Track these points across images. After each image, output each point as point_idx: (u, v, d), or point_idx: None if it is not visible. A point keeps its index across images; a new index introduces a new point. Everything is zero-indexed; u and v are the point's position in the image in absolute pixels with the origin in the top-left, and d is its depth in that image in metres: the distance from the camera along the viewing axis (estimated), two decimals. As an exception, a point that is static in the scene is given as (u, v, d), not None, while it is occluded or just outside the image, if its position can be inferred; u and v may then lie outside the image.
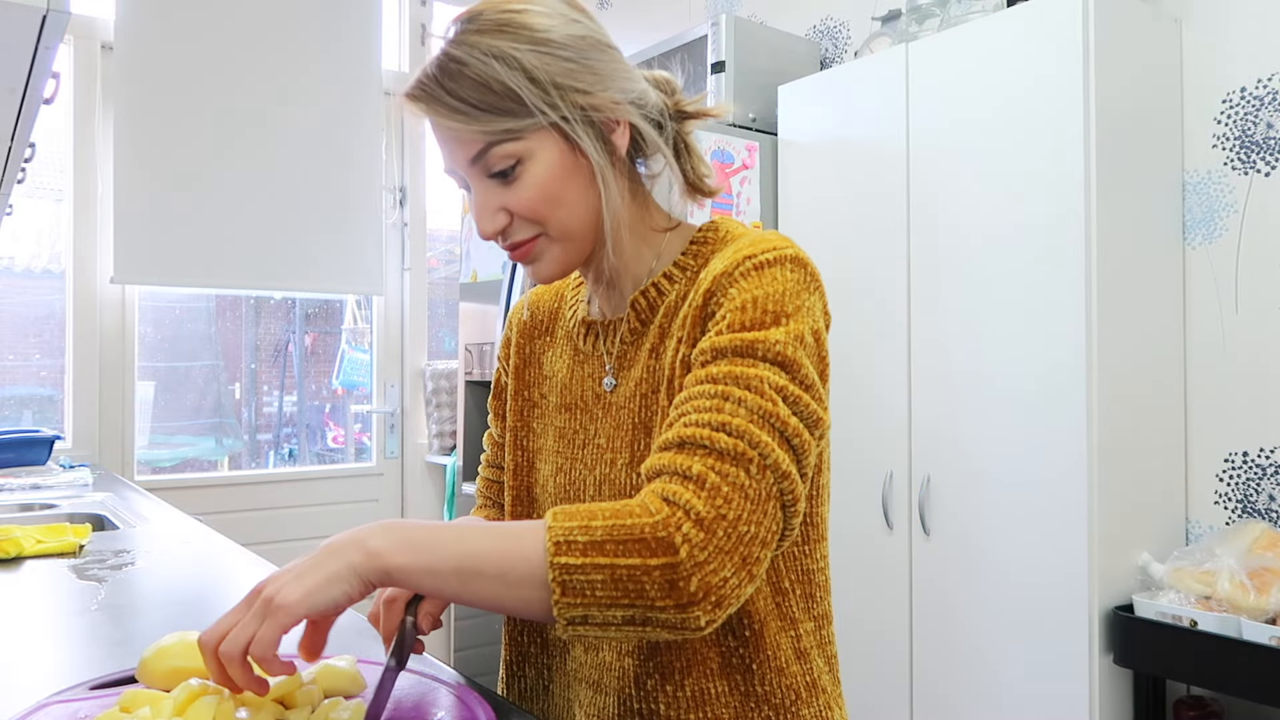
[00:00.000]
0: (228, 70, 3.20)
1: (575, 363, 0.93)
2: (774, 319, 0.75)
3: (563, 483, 0.90)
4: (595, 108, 0.80)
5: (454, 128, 0.78)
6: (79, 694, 0.80)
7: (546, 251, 0.84)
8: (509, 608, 0.68)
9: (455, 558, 0.66)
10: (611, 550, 0.65)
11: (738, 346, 0.73)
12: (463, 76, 0.77)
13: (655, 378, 0.84)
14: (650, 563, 0.64)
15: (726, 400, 0.71)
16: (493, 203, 0.81)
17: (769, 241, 0.81)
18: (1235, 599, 1.79)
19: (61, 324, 3.11)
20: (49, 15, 0.90)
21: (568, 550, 0.65)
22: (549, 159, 0.79)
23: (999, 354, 2.07)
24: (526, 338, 1.00)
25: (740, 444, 0.69)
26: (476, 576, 0.66)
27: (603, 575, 0.65)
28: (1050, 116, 1.98)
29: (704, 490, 0.67)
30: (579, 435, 0.90)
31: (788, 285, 0.77)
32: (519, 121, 0.78)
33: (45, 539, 1.52)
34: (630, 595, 0.65)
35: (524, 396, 0.98)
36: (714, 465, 0.68)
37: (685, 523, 0.65)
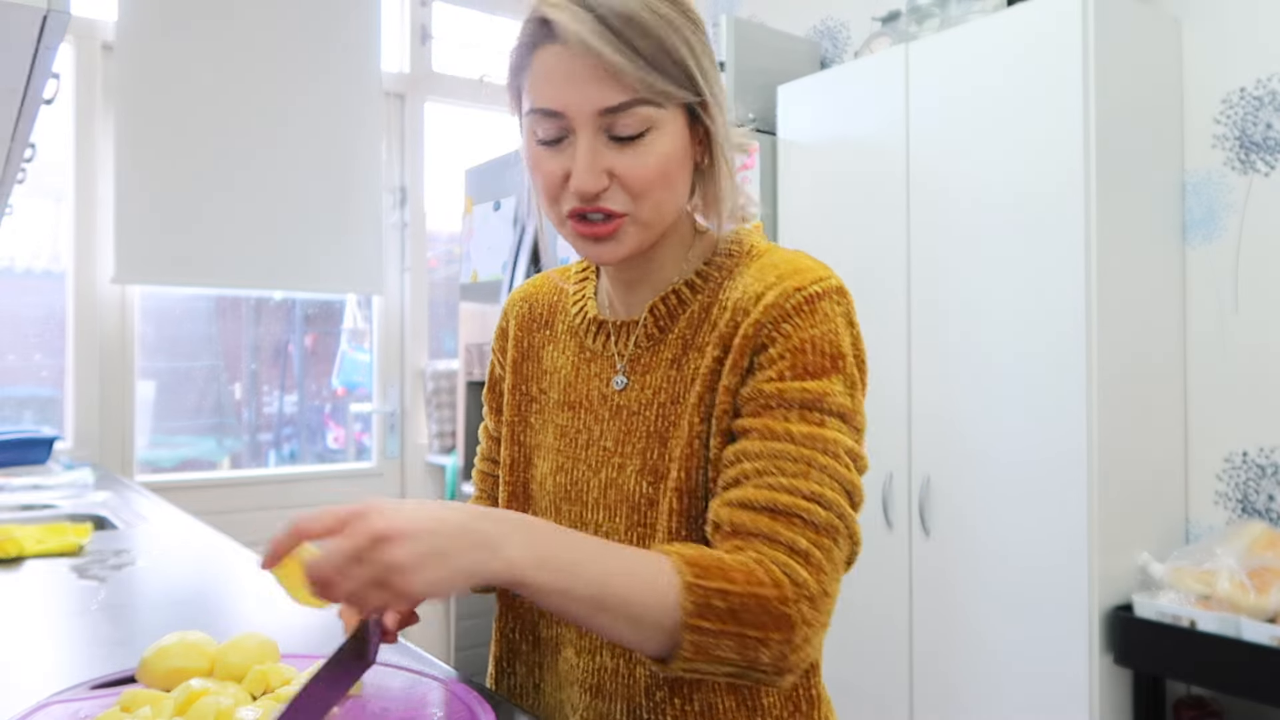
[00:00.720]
0: (228, 71, 3.20)
1: (581, 360, 0.91)
2: (832, 363, 0.76)
3: (563, 482, 0.89)
4: (718, 100, 0.80)
5: (615, 64, 0.72)
6: (79, 694, 0.80)
7: (627, 234, 0.80)
8: (625, 641, 0.70)
9: (592, 589, 0.66)
10: (744, 620, 0.68)
11: (805, 400, 0.75)
12: (633, 20, 0.73)
13: (676, 388, 0.83)
14: (772, 635, 0.69)
15: (812, 467, 0.74)
16: (602, 163, 0.76)
17: (812, 271, 0.80)
18: (1235, 599, 1.79)
19: (62, 324, 3.11)
20: (49, 16, 0.90)
21: (707, 615, 0.67)
22: (675, 136, 0.78)
23: (999, 355, 2.07)
24: (525, 330, 0.98)
25: (833, 517, 0.73)
26: (607, 612, 0.66)
27: (731, 641, 0.68)
28: (1050, 117, 1.98)
29: (811, 566, 0.71)
30: (582, 435, 0.89)
31: (836, 322, 0.78)
32: (678, 90, 0.76)
33: (46, 539, 1.52)
34: (746, 658, 0.69)
35: (522, 391, 0.96)
36: (815, 540, 0.72)
37: (802, 601, 0.70)
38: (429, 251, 3.78)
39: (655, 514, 0.82)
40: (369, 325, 3.70)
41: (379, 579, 0.60)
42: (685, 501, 0.80)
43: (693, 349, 0.83)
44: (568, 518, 0.88)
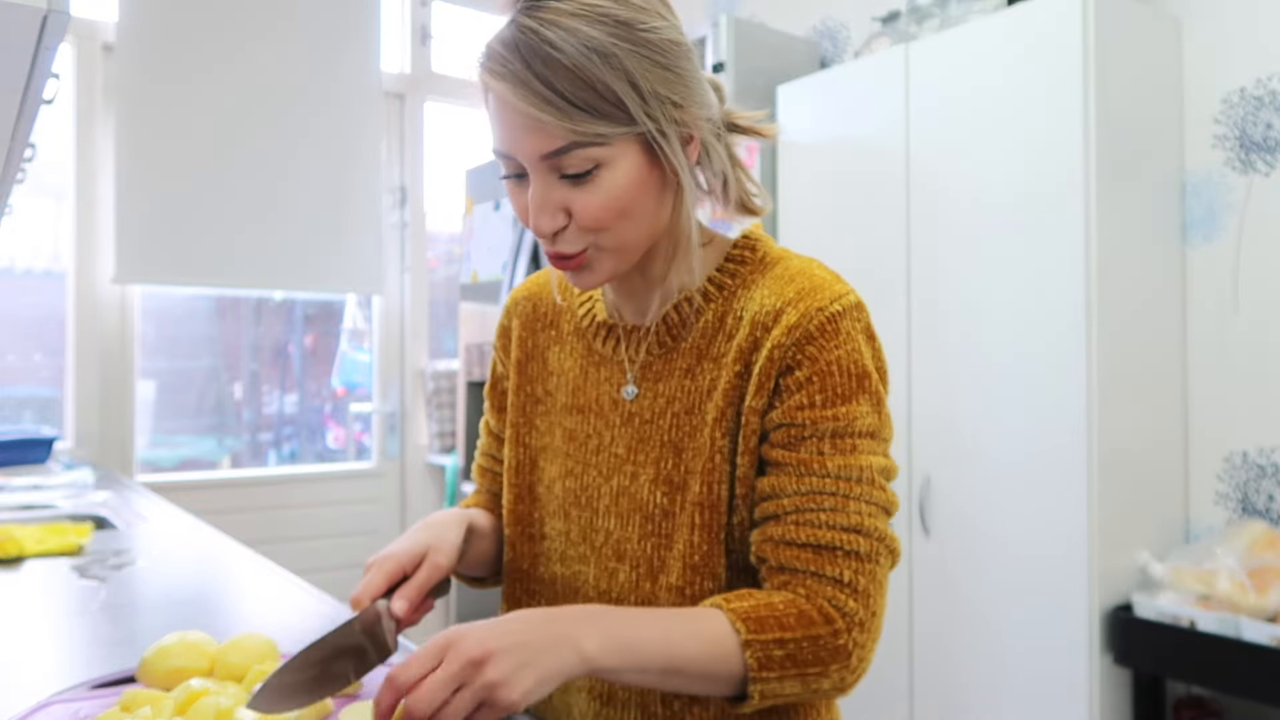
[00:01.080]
0: (228, 71, 3.20)
1: (589, 364, 0.90)
2: (858, 384, 0.78)
3: (573, 487, 0.88)
4: (683, 122, 0.77)
5: (540, 119, 0.71)
6: (79, 694, 0.80)
7: (597, 263, 0.79)
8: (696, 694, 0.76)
9: (663, 664, 0.70)
10: (802, 662, 0.73)
11: (836, 429, 0.77)
12: (558, 65, 0.70)
13: (691, 399, 0.83)
14: (830, 667, 0.74)
15: (849, 499, 0.76)
16: (555, 200, 0.75)
17: (830, 287, 0.80)
18: (1235, 599, 1.79)
19: (62, 324, 3.11)
20: (49, 16, 0.90)
21: (769, 667, 0.72)
22: (629, 169, 0.75)
23: (999, 354, 2.07)
24: (529, 330, 0.97)
25: (872, 543, 0.77)
26: (678, 676, 0.71)
27: (794, 682, 0.73)
28: (1050, 116, 1.98)
29: (858, 594, 0.76)
30: (592, 440, 0.88)
31: (858, 340, 0.79)
32: (614, 128, 0.72)
33: (46, 539, 1.52)
34: (809, 689, 0.75)
35: (527, 392, 0.95)
36: (858, 569, 0.76)
37: (854, 629, 0.75)
38: (429, 251, 3.79)
39: (672, 525, 0.82)
40: (369, 325, 3.70)
41: (482, 699, 0.63)
42: (707, 515, 0.80)
43: (707, 359, 0.83)
44: (577, 523, 0.88)
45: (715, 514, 0.80)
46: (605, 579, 0.85)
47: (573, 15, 0.71)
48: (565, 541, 0.89)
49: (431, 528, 0.84)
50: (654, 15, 0.75)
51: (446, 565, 0.81)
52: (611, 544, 0.85)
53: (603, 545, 0.86)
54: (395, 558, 0.78)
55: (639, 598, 0.83)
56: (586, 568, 0.87)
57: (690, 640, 0.71)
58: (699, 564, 0.81)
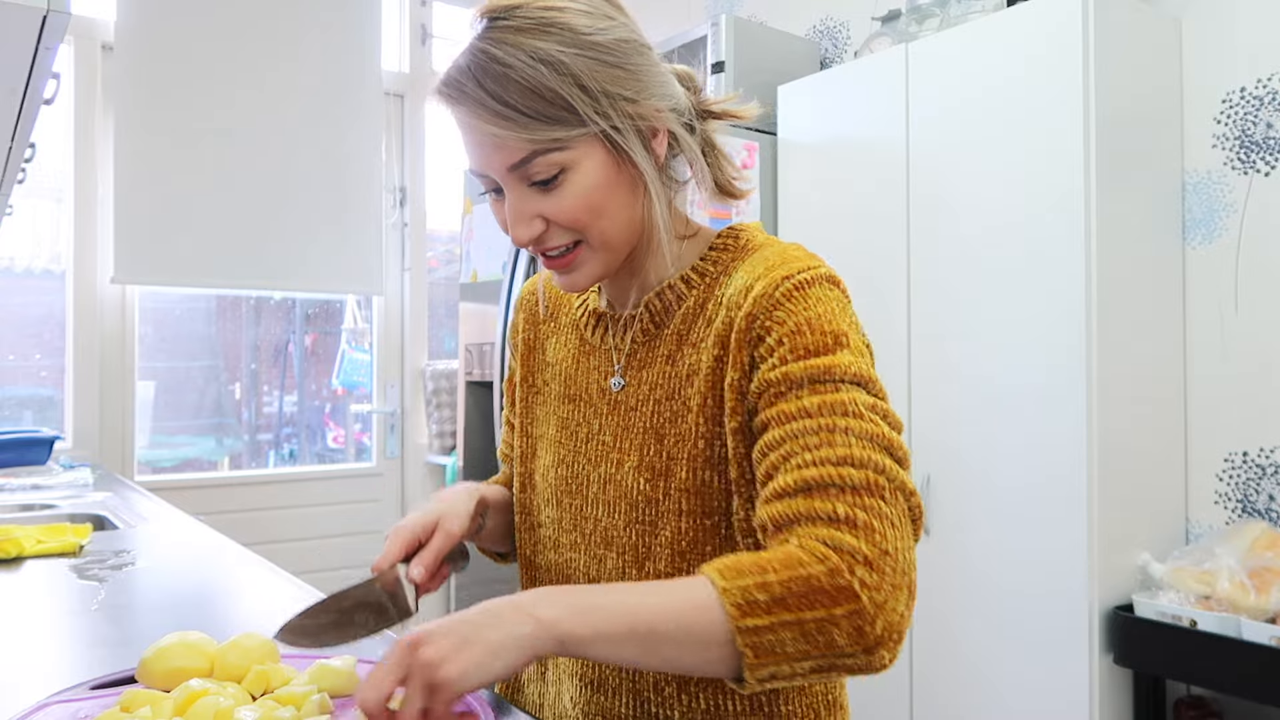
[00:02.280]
0: (228, 71, 3.20)
1: (581, 354, 0.92)
2: (834, 339, 0.74)
3: (564, 475, 0.90)
4: (641, 116, 0.78)
5: (497, 134, 0.74)
6: (79, 694, 0.80)
7: (586, 262, 0.81)
8: (687, 669, 0.66)
9: (631, 623, 0.63)
10: (795, 605, 0.63)
11: (814, 374, 0.73)
12: (508, 80, 0.73)
13: (671, 384, 0.83)
14: (835, 612, 0.64)
15: (834, 432, 0.70)
16: (529, 210, 0.78)
17: (800, 260, 0.80)
18: (1235, 599, 1.79)
19: (61, 324, 3.11)
20: (49, 16, 0.91)
21: (751, 611, 0.63)
22: (593, 168, 0.77)
23: (999, 354, 2.07)
24: (532, 323, 1.00)
25: (869, 474, 0.68)
26: (657, 640, 0.64)
27: (791, 632, 0.63)
28: (1050, 116, 1.98)
29: (858, 530, 0.66)
30: (582, 429, 0.89)
31: (831, 305, 0.77)
32: (569, 131, 0.75)
33: (46, 539, 1.52)
34: (820, 646, 0.64)
35: (529, 383, 0.98)
36: (855, 501, 0.67)
37: (857, 567, 0.64)
38: (429, 251, 3.79)
39: (656, 512, 0.82)
40: (369, 325, 3.70)
41: (425, 680, 0.60)
42: (694, 502, 0.80)
43: (687, 344, 0.83)
44: (569, 511, 0.89)
45: (703, 500, 0.80)
46: (594, 566, 0.86)
47: (519, 31, 0.74)
48: (558, 529, 0.90)
49: (443, 500, 0.88)
50: (600, 18, 0.77)
51: (458, 532, 0.83)
52: (600, 532, 0.86)
53: (591, 533, 0.87)
54: (409, 527, 0.82)
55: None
56: (577, 555, 0.88)
57: (661, 600, 0.65)
58: (687, 550, 0.80)
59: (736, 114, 0.88)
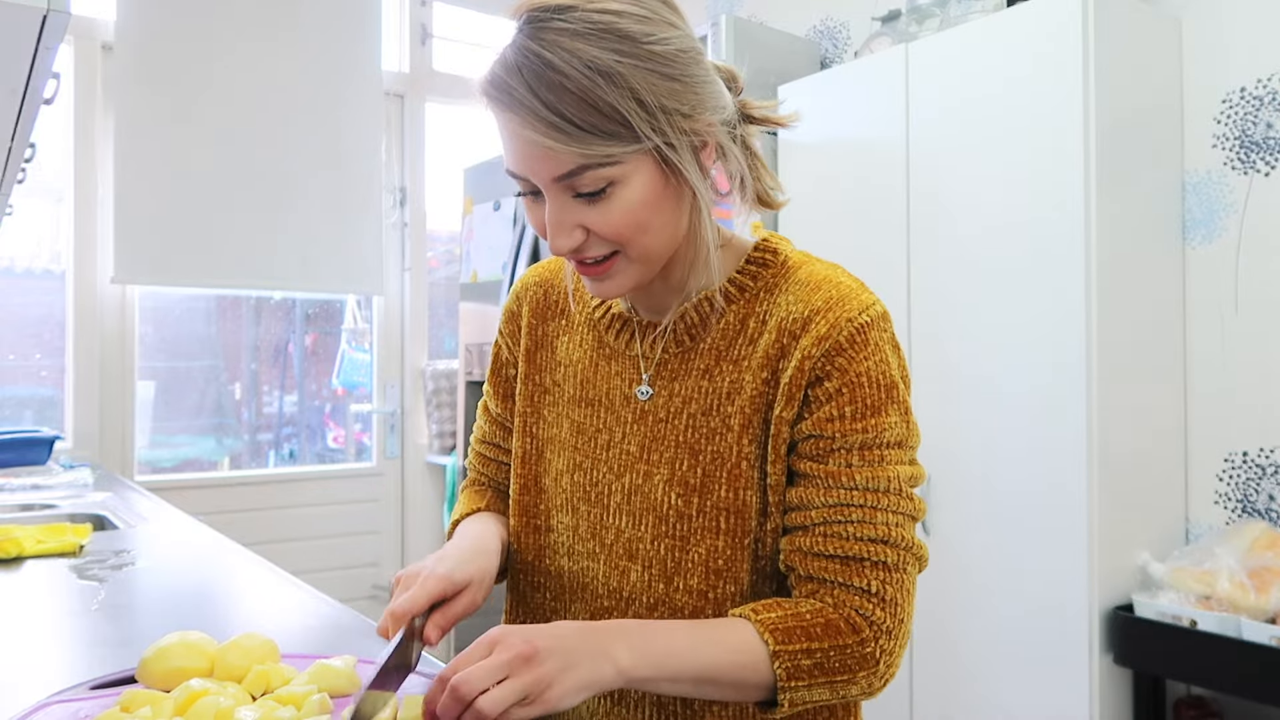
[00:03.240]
0: (228, 70, 3.20)
1: (600, 356, 0.89)
2: (887, 394, 0.79)
3: (581, 481, 0.88)
4: (695, 131, 0.75)
5: (548, 145, 0.71)
6: (79, 694, 0.80)
7: (622, 272, 0.79)
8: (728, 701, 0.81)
9: (696, 673, 0.72)
10: (831, 669, 0.75)
11: (865, 441, 0.78)
12: (563, 90, 0.69)
13: (708, 399, 0.82)
14: (858, 674, 0.77)
15: (876, 510, 0.77)
16: (571, 220, 0.75)
17: (858, 297, 0.80)
18: (1235, 599, 1.79)
19: (61, 324, 3.11)
20: (49, 15, 0.91)
21: (796, 676, 0.74)
22: (643, 184, 0.74)
23: (999, 354, 2.07)
24: (539, 318, 0.96)
25: (899, 553, 0.78)
26: (710, 685, 0.73)
27: (823, 690, 0.76)
28: (1050, 116, 1.98)
29: (885, 604, 0.77)
30: (601, 435, 0.87)
31: (885, 350, 0.80)
32: (623, 147, 0.71)
33: (46, 539, 1.52)
34: (838, 696, 0.78)
35: (535, 381, 0.94)
36: (885, 578, 0.77)
37: (881, 637, 0.77)
38: (429, 251, 3.79)
39: (688, 528, 0.81)
40: (369, 325, 3.70)
41: (528, 691, 0.64)
42: (733, 521, 0.81)
43: (726, 361, 0.82)
44: (586, 518, 0.87)
45: (741, 520, 0.81)
46: (616, 577, 0.85)
47: (575, 35, 0.70)
48: (573, 536, 0.88)
49: (480, 556, 0.84)
50: (661, 24, 0.73)
51: (482, 603, 0.82)
52: (623, 543, 0.85)
53: (613, 543, 0.85)
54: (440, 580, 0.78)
55: (652, 598, 0.83)
56: (595, 564, 0.87)
57: (720, 652, 0.73)
58: (722, 569, 0.81)
59: (778, 121, 0.87)
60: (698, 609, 0.81)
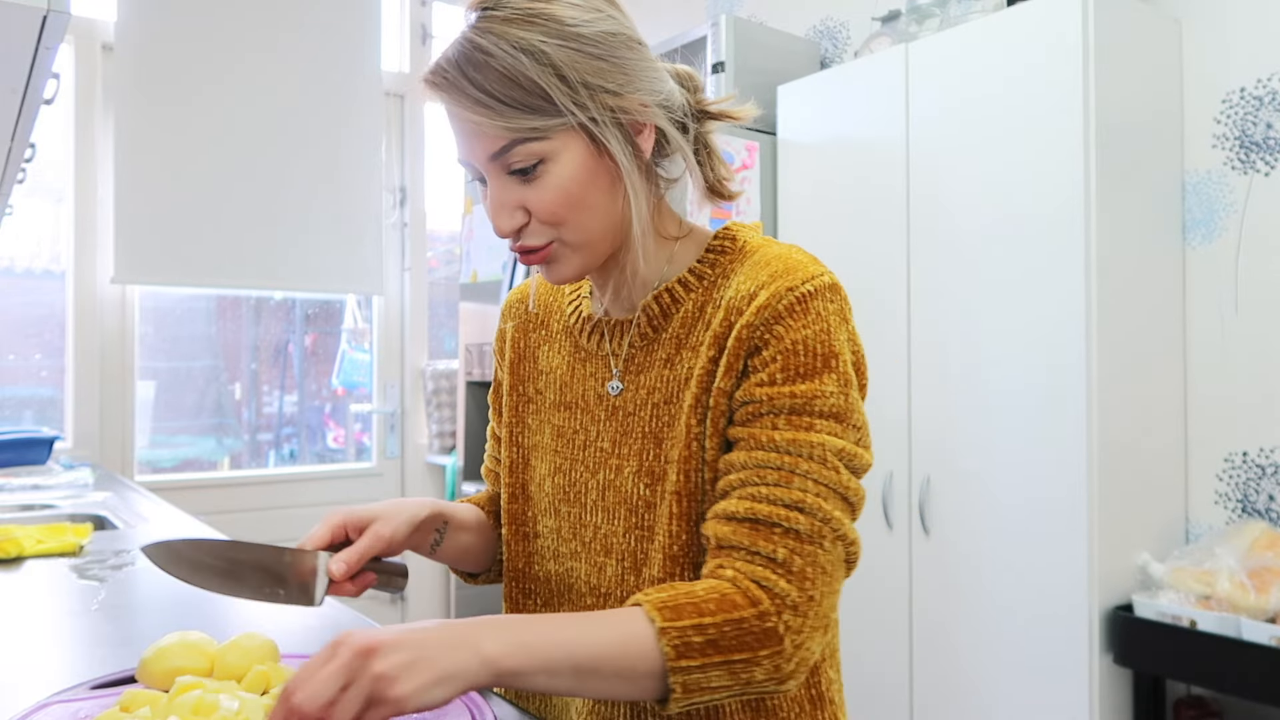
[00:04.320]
0: (228, 70, 3.20)
1: (576, 360, 0.91)
2: (824, 363, 0.76)
3: (561, 483, 0.89)
4: (624, 109, 0.78)
5: (476, 121, 0.75)
6: (79, 694, 0.80)
7: (563, 256, 0.81)
8: (621, 697, 0.72)
9: (571, 659, 0.67)
10: (726, 647, 0.69)
11: (795, 405, 0.75)
12: (489, 68, 0.74)
13: (670, 388, 0.83)
14: (760, 654, 0.70)
15: (794, 474, 0.73)
16: (511, 199, 0.78)
17: (804, 269, 0.79)
18: (1235, 599, 1.79)
19: (61, 324, 3.11)
20: (49, 16, 0.91)
21: (686, 653, 0.68)
22: (573, 160, 0.77)
23: (999, 354, 2.07)
24: (521, 331, 0.98)
25: (815, 523, 0.73)
26: (594, 676, 0.67)
27: (720, 671, 0.69)
28: (1050, 117, 1.98)
29: (793, 575, 0.72)
30: (579, 435, 0.88)
31: (830, 319, 0.77)
32: (546, 120, 0.75)
33: (46, 539, 1.52)
34: (740, 681, 0.70)
35: (519, 392, 0.96)
36: (795, 548, 0.72)
37: (785, 611, 0.71)
38: (429, 251, 3.79)
39: (654, 517, 0.82)
40: (369, 325, 3.70)
41: (369, 692, 0.60)
42: (685, 505, 0.80)
43: (686, 348, 0.83)
44: (567, 519, 0.88)
45: (693, 502, 0.80)
46: (595, 574, 0.86)
47: (506, 21, 0.75)
48: (557, 539, 0.89)
49: (392, 503, 0.87)
50: (589, 10, 0.77)
51: (388, 536, 0.83)
52: (600, 539, 0.85)
53: (591, 540, 0.86)
54: (342, 517, 0.82)
55: (624, 591, 0.83)
56: (578, 564, 0.87)
57: (602, 636, 0.68)
58: (678, 554, 0.80)
59: (733, 115, 0.87)
60: None
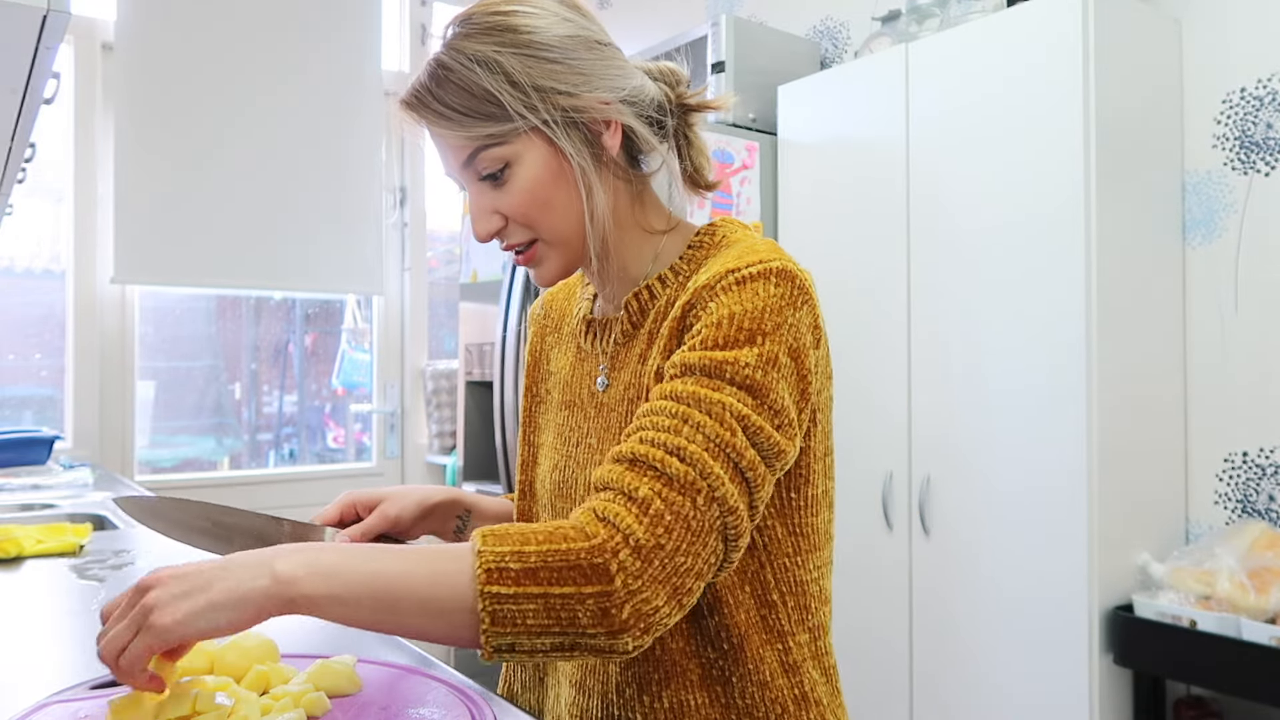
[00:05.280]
0: (228, 70, 3.20)
1: (576, 360, 0.94)
2: (749, 337, 0.72)
3: (558, 480, 0.91)
4: (580, 109, 0.80)
5: (442, 134, 0.80)
6: (79, 694, 0.80)
7: (546, 256, 0.84)
8: (430, 636, 0.65)
9: (371, 585, 0.62)
10: (545, 578, 0.63)
11: (706, 366, 0.72)
12: (448, 82, 0.78)
13: (642, 383, 0.83)
14: (584, 590, 0.63)
15: (685, 423, 0.69)
16: (486, 205, 0.82)
17: (756, 253, 0.78)
18: (1235, 599, 1.79)
19: (61, 324, 3.11)
20: (49, 15, 0.91)
21: (499, 579, 0.63)
22: (535, 162, 0.80)
23: (999, 354, 2.07)
24: (540, 337, 1.02)
25: (691, 472, 0.67)
26: (395, 605, 0.63)
27: (535, 605, 0.63)
28: (1050, 117, 1.98)
29: (646, 516, 0.65)
30: (574, 433, 0.90)
31: (769, 301, 0.74)
32: (500, 126, 0.78)
33: (45, 539, 1.52)
34: (561, 623, 0.63)
35: (533, 394, 1.00)
36: (660, 491, 0.66)
37: (623, 549, 0.64)
38: (429, 251, 3.79)
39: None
40: (369, 325, 3.70)
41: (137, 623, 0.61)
42: None
43: (655, 343, 0.83)
44: (561, 515, 0.90)
45: None
46: None
47: (465, 36, 0.79)
48: None
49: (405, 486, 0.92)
50: (546, 16, 0.80)
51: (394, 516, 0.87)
52: None
53: None
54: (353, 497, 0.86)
55: None
56: None
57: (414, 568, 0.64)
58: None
59: (713, 105, 0.89)
60: None
